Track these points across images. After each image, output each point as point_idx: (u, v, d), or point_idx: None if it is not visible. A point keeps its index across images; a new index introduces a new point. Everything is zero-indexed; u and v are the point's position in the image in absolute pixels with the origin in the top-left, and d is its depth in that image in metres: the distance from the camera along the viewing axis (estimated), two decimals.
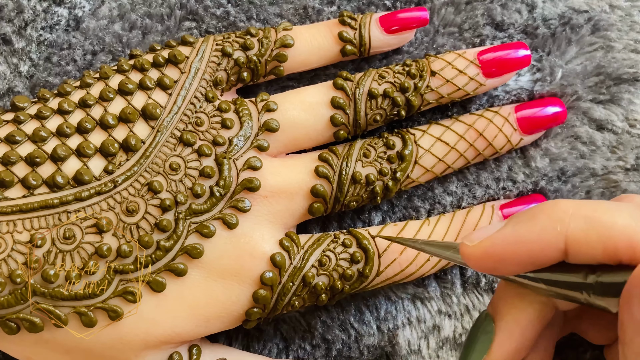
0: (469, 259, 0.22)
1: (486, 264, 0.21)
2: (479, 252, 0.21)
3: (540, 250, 0.20)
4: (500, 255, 0.21)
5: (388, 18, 0.30)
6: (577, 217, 0.20)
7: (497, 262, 0.21)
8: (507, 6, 0.32)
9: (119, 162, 0.25)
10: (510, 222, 0.21)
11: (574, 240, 0.20)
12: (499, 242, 0.21)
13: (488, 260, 0.21)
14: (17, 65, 0.31)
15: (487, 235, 0.21)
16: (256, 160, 0.27)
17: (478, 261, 0.21)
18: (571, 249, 0.20)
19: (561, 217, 0.20)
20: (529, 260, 0.21)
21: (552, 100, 0.30)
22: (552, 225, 0.20)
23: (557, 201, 0.21)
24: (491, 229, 0.21)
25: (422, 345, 0.30)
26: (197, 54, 0.28)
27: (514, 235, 0.21)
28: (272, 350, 0.30)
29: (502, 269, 0.21)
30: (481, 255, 0.21)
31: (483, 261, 0.21)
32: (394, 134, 0.29)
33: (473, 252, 0.21)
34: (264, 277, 0.26)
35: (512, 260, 0.21)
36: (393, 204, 0.31)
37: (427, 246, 0.24)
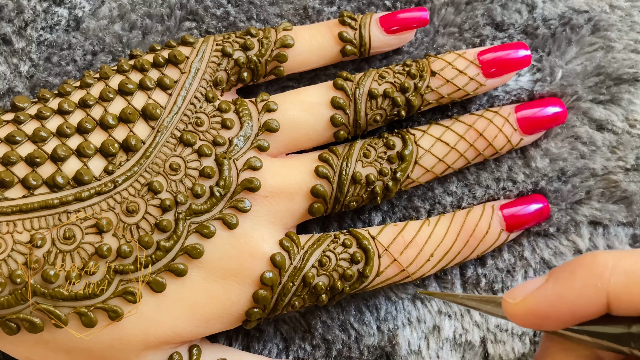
0: (513, 317, 0.22)
1: (530, 321, 0.22)
2: (522, 311, 0.22)
3: (582, 306, 0.20)
4: (544, 313, 0.21)
5: (388, 18, 0.30)
6: (617, 271, 0.20)
7: (541, 320, 0.21)
8: (507, 6, 0.32)
9: (119, 162, 0.25)
10: (551, 277, 0.21)
11: (615, 296, 0.20)
12: (542, 300, 0.21)
13: (532, 318, 0.21)
14: (17, 65, 0.31)
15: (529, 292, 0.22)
16: (256, 160, 0.27)
17: (522, 319, 0.22)
18: (613, 304, 0.20)
19: (601, 272, 0.20)
20: (572, 317, 0.21)
21: (552, 100, 0.30)
22: (592, 282, 0.20)
23: (596, 254, 0.21)
24: (532, 285, 0.22)
25: (422, 345, 0.30)
26: (197, 54, 0.28)
27: (555, 292, 0.21)
28: (272, 351, 0.30)
29: (547, 325, 0.21)
30: (525, 313, 0.22)
31: (527, 319, 0.22)
32: (394, 134, 0.29)
33: (517, 311, 0.22)
34: (264, 278, 0.26)
35: (555, 317, 0.21)
36: (393, 204, 0.31)
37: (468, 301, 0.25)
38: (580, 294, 0.20)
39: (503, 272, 0.30)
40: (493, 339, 0.30)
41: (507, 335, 0.30)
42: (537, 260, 0.30)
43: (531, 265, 0.30)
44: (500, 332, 0.30)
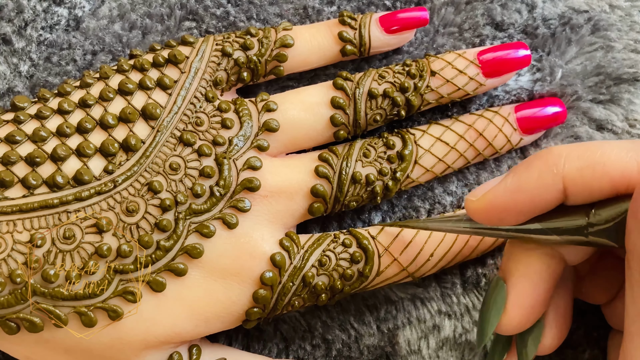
0: (475, 213, 0.23)
1: (491, 215, 0.22)
2: (484, 205, 0.22)
3: (540, 194, 0.21)
4: (504, 205, 0.22)
5: (388, 18, 0.30)
6: (571, 157, 0.21)
7: (502, 213, 0.22)
8: (507, 6, 0.32)
9: (119, 162, 0.25)
10: (510, 173, 0.22)
11: (570, 180, 0.21)
12: (501, 193, 0.22)
13: (493, 212, 0.22)
14: (17, 65, 0.31)
15: (489, 189, 0.22)
16: (256, 160, 0.27)
17: (483, 214, 0.22)
18: (569, 189, 0.21)
19: (556, 160, 0.21)
20: (531, 206, 0.22)
21: (552, 100, 0.30)
22: (548, 169, 0.21)
23: (551, 148, 0.22)
24: (492, 182, 0.22)
25: (422, 345, 0.30)
26: (197, 54, 0.28)
27: (514, 184, 0.22)
28: (272, 350, 0.30)
29: (507, 219, 0.22)
30: (486, 207, 0.22)
31: (488, 213, 0.22)
32: (394, 134, 0.29)
33: (478, 206, 0.22)
34: (264, 277, 0.26)
35: (515, 208, 0.22)
36: (393, 204, 0.31)
37: (430, 223, 0.25)
38: (537, 183, 0.21)
39: None
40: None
41: None
42: None
43: None
44: None
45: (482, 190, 0.23)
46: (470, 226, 0.24)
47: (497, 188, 0.22)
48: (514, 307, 0.23)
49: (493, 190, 0.22)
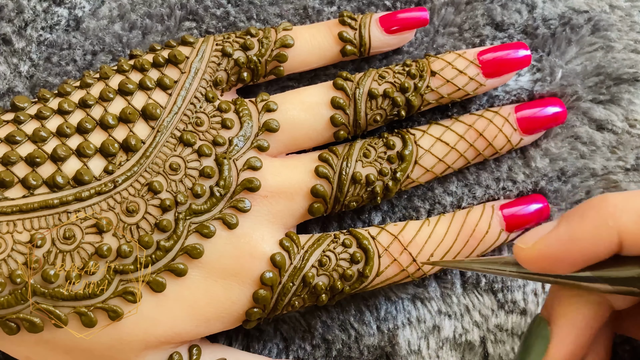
0: (525, 262, 0.22)
1: (542, 264, 0.22)
2: (535, 254, 0.22)
3: (593, 246, 0.21)
4: (556, 255, 0.21)
5: (388, 18, 0.30)
6: (627, 210, 0.20)
7: (553, 262, 0.22)
8: (507, 6, 0.32)
9: (119, 162, 0.25)
10: (563, 221, 0.22)
11: (627, 233, 0.20)
12: (554, 242, 0.21)
13: (544, 261, 0.22)
14: (17, 65, 0.31)
15: (540, 236, 0.22)
16: (256, 160, 0.27)
17: (534, 263, 0.22)
18: (625, 242, 0.20)
19: (612, 211, 0.21)
20: (584, 257, 0.21)
21: (552, 100, 0.30)
22: (603, 222, 0.21)
23: (606, 196, 0.21)
24: (543, 230, 0.22)
25: (422, 345, 0.30)
26: (197, 54, 0.28)
27: (567, 234, 0.21)
28: (272, 350, 0.30)
29: (558, 268, 0.22)
30: (537, 257, 0.22)
31: (539, 262, 0.22)
32: (394, 134, 0.29)
33: (529, 255, 0.22)
34: (264, 277, 0.26)
35: (567, 258, 0.21)
36: (393, 204, 0.31)
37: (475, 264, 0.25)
38: (591, 234, 0.21)
39: None
40: (493, 339, 0.30)
41: (507, 335, 0.30)
42: None
43: None
44: (500, 332, 0.30)
45: (533, 237, 0.22)
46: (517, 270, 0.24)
47: (549, 237, 0.22)
48: (557, 353, 0.23)
49: (545, 239, 0.22)
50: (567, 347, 0.23)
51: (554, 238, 0.21)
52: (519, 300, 0.30)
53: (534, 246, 0.22)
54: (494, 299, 0.30)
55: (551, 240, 0.22)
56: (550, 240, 0.22)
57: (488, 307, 0.30)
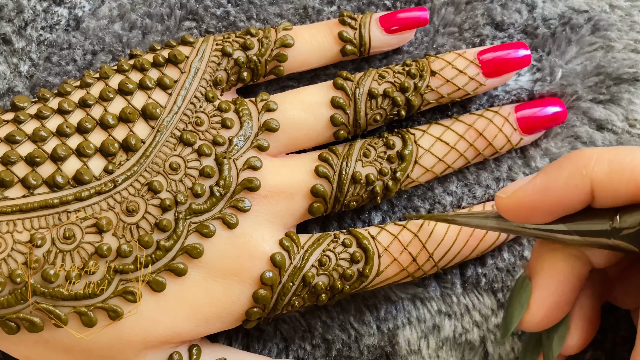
0: (504, 210, 0.23)
1: (519, 213, 0.23)
2: (513, 202, 0.23)
3: (568, 194, 0.22)
4: (532, 203, 0.22)
5: (388, 18, 0.30)
6: (601, 161, 0.21)
7: (530, 211, 0.23)
8: (507, 6, 0.32)
9: (119, 161, 0.25)
10: (540, 173, 0.23)
11: (599, 183, 0.21)
12: (530, 191, 0.22)
13: (521, 209, 0.23)
14: (17, 65, 0.31)
15: (519, 187, 0.23)
16: (256, 160, 0.27)
17: (512, 211, 0.23)
18: (597, 191, 0.21)
19: (586, 162, 0.21)
20: (559, 206, 0.22)
21: (552, 100, 0.30)
22: (577, 171, 0.21)
23: (582, 150, 0.22)
24: (523, 181, 0.23)
25: (422, 345, 0.30)
26: (197, 54, 0.28)
27: (543, 183, 0.22)
28: (272, 350, 0.30)
29: (535, 218, 0.23)
30: (515, 205, 0.23)
31: (517, 210, 0.23)
32: (394, 134, 0.29)
33: (507, 203, 0.23)
34: (264, 277, 0.26)
35: (543, 207, 0.22)
36: (393, 204, 0.31)
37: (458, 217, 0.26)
38: (566, 183, 0.22)
39: (503, 272, 0.30)
40: (493, 339, 0.30)
41: None
42: None
43: None
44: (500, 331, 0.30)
45: (513, 187, 0.23)
46: (496, 224, 0.25)
47: (527, 186, 0.23)
48: (537, 305, 0.24)
49: (523, 188, 0.23)
50: (547, 298, 0.24)
51: (531, 186, 0.23)
52: None
53: (512, 194, 0.23)
54: (494, 299, 0.30)
55: (528, 189, 0.23)
56: (528, 188, 0.23)
57: (488, 307, 0.30)
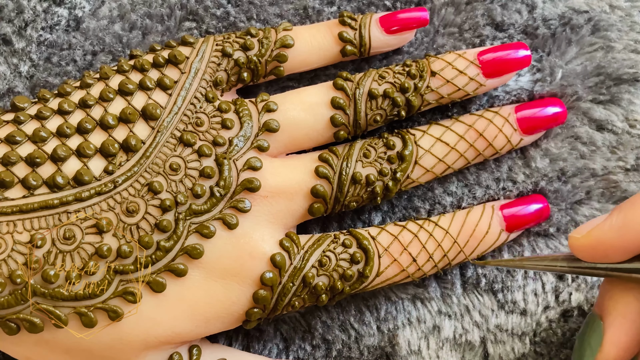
0: (579, 251, 0.23)
1: (596, 253, 0.23)
2: (589, 242, 0.23)
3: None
4: (609, 242, 0.22)
5: (388, 18, 0.30)
6: None
7: (606, 250, 0.22)
8: (507, 6, 0.32)
9: (119, 162, 0.25)
10: (616, 210, 0.23)
11: None
12: (607, 230, 0.22)
13: (597, 249, 0.23)
14: (17, 65, 0.31)
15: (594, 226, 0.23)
16: (256, 160, 0.27)
17: (588, 251, 0.23)
18: None
19: None
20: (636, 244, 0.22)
21: (552, 100, 0.30)
22: None
23: None
24: (597, 220, 0.23)
25: (422, 345, 0.30)
26: (197, 55, 0.28)
27: (620, 221, 0.22)
28: (272, 351, 0.30)
29: (612, 257, 0.22)
30: (590, 245, 0.23)
31: (593, 250, 0.23)
32: (394, 135, 0.29)
33: (583, 243, 0.23)
34: (264, 278, 0.26)
35: (620, 246, 0.22)
36: (393, 204, 0.31)
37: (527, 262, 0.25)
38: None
39: (503, 272, 0.30)
40: (493, 339, 0.30)
41: (507, 335, 0.30)
42: None
43: None
44: (500, 332, 0.30)
45: (587, 227, 0.23)
46: (567, 265, 0.24)
47: (603, 225, 0.22)
48: (611, 346, 0.23)
49: (599, 227, 0.23)
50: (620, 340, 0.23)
51: (608, 225, 0.22)
52: (519, 300, 0.30)
53: (588, 234, 0.23)
54: (494, 299, 0.30)
55: (605, 228, 0.22)
56: (604, 227, 0.22)
57: (488, 307, 0.30)
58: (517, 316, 0.30)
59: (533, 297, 0.30)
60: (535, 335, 0.30)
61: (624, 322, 0.23)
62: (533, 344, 0.30)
